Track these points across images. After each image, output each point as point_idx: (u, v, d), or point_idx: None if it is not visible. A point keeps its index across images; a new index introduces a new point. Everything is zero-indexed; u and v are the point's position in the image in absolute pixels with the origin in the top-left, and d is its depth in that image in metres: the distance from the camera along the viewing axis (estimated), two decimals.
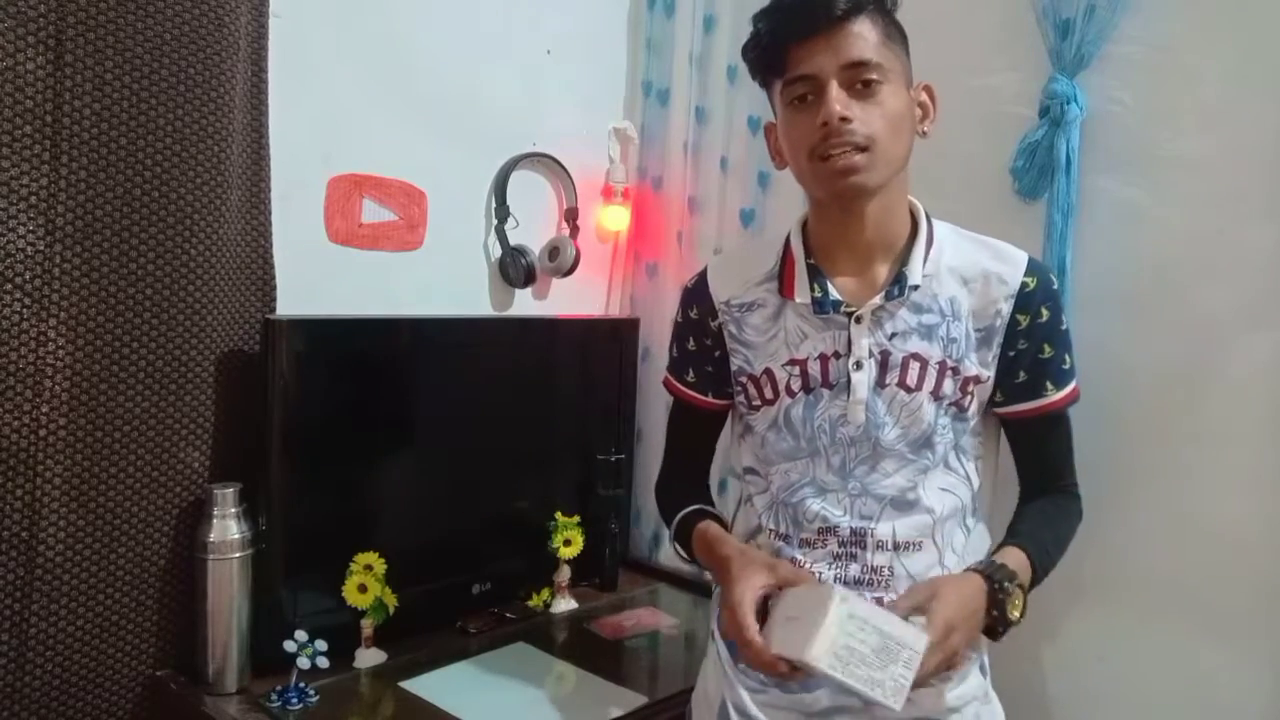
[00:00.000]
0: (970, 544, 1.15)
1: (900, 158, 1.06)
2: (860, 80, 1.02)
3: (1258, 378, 1.26)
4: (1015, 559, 1.07)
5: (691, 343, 1.22)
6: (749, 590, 1.02)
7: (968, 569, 1.06)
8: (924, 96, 1.10)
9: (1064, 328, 1.13)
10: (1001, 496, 1.22)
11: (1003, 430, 1.19)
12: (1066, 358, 1.14)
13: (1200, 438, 1.31)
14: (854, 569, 1.10)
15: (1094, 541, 1.34)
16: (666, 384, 1.29)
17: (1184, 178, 1.31)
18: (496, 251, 1.88)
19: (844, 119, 1.01)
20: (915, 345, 1.09)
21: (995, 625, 1.03)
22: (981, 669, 1.17)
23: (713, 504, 1.27)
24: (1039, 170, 1.41)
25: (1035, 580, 1.09)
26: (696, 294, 1.21)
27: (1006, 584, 1.02)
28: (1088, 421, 1.38)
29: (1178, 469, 1.33)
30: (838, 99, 1.01)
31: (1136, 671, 1.36)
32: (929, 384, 1.09)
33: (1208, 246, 1.30)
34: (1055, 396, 1.13)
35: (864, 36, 1.02)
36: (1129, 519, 1.37)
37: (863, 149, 1.02)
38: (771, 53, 1.06)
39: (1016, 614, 1.03)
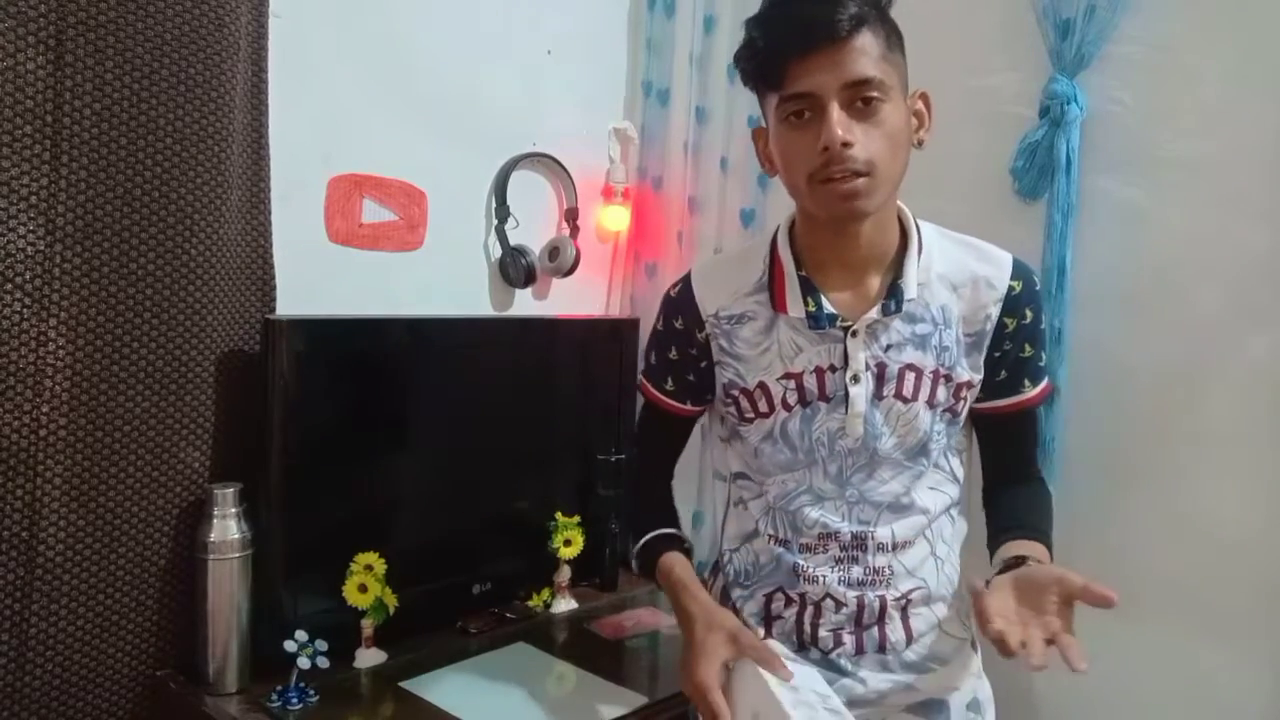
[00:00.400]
0: (955, 532, 1.18)
1: (899, 176, 1.05)
2: (861, 98, 0.99)
3: (1257, 378, 1.27)
4: (1044, 557, 1.08)
5: (674, 352, 1.19)
6: (712, 668, 1.03)
7: (1032, 565, 1.02)
8: (920, 105, 1.07)
9: (1043, 327, 1.15)
10: (974, 487, 1.23)
11: (973, 424, 1.19)
12: (1043, 355, 1.16)
13: (1200, 438, 1.31)
14: (856, 571, 1.11)
15: (1093, 541, 1.35)
16: (642, 389, 1.26)
17: (1184, 178, 1.31)
18: (496, 251, 1.88)
19: (846, 144, 0.98)
20: (910, 356, 1.09)
21: None
22: (973, 645, 1.20)
23: (675, 512, 1.28)
24: (1039, 170, 1.41)
25: None
26: (682, 304, 1.17)
27: None
28: (1088, 421, 1.39)
29: (1178, 469, 1.33)
30: (839, 122, 0.98)
31: (1135, 672, 1.36)
32: (924, 393, 1.10)
33: (1208, 247, 1.30)
34: (1032, 393, 1.16)
35: (866, 52, 0.98)
36: (1129, 519, 1.37)
37: (863, 173, 1.00)
38: (768, 67, 1.02)
39: None
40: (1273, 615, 1.26)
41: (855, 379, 1.09)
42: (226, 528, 1.38)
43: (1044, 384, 1.17)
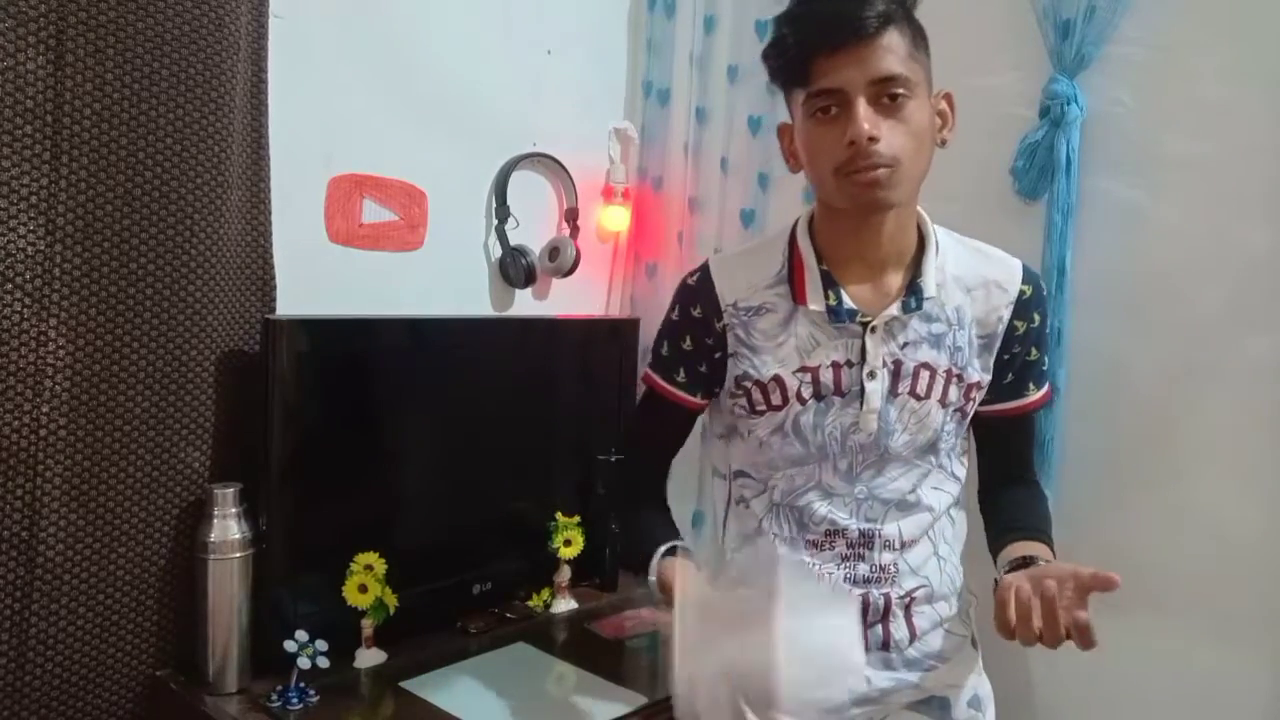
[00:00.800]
0: (956, 532, 1.19)
1: (922, 173, 1.06)
2: (887, 94, 1.00)
3: (1257, 378, 1.27)
4: (1049, 557, 1.08)
5: (688, 341, 1.18)
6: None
7: (1043, 564, 1.03)
8: (943, 105, 1.09)
9: (1048, 331, 1.18)
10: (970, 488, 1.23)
11: (973, 426, 1.20)
12: (1046, 359, 1.19)
13: (1200, 438, 1.31)
14: (862, 568, 1.12)
15: (1093, 541, 1.35)
16: (648, 380, 1.24)
17: (1184, 178, 1.32)
18: (497, 251, 1.88)
19: (872, 138, 0.99)
20: (925, 354, 1.10)
21: None
22: (973, 643, 1.20)
23: (669, 511, 1.26)
24: (1039, 170, 1.41)
25: None
26: (701, 292, 1.17)
27: None
28: (1088, 421, 1.39)
29: (1177, 469, 1.33)
30: (866, 117, 0.99)
31: (1135, 671, 1.36)
32: (937, 392, 1.11)
33: (1207, 247, 1.30)
34: (1035, 396, 1.18)
35: (893, 50, 1.00)
36: (1128, 519, 1.37)
37: (888, 166, 1.01)
38: (796, 63, 1.03)
39: None
40: (1272, 615, 1.26)
41: (872, 375, 1.09)
42: (226, 528, 1.37)
43: (1046, 388, 1.19)
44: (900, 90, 1.00)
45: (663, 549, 1.16)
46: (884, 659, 1.14)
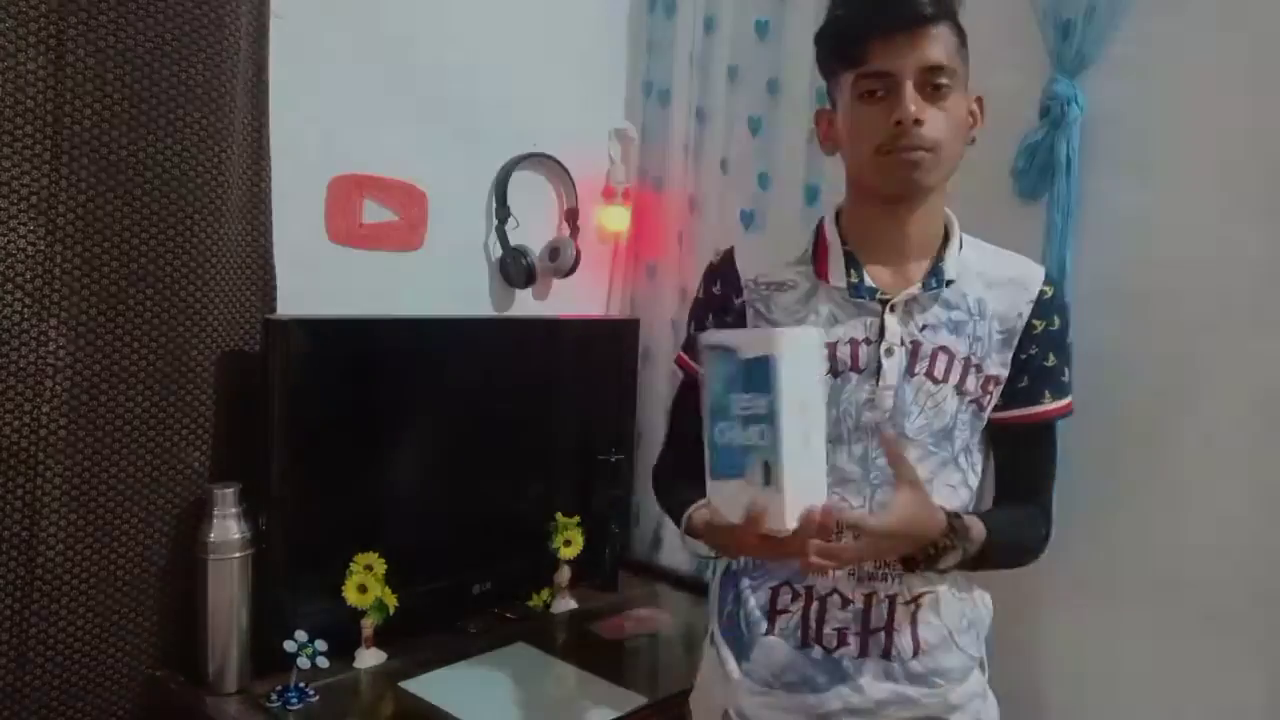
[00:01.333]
0: None
1: (955, 162, 1.08)
2: (933, 83, 1.04)
3: (1257, 378, 1.27)
4: (977, 531, 1.07)
5: (710, 320, 1.20)
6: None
7: (942, 507, 1.05)
8: (974, 106, 1.12)
9: (1069, 341, 1.16)
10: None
11: (990, 440, 1.18)
12: (1066, 370, 1.17)
13: (1199, 438, 1.31)
14: (868, 564, 1.10)
15: (1092, 541, 1.35)
16: (679, 361, 1.26)
17: (1184, 178, 1.31)
18: (497, 252, 1.88)
19: (918, 121, 1.02)
20: (944, 338, 1.11)
21: (919, 563, 1.07)
22: (981, 666, 1.18)
23: None
24: (1039, 171, 1.41)
25: (970, 562, 1.08)
26: (723, 270, 1.20)
27: (959, 542, 1.05)
28: (1088, 421, 1.38)
29: (1176, 469, 1.33)
30: (913, 100, 1.03)
31: (1134, 671, 1.36)
32: (954, 378, 1.11)
33: (1208, 247, 1.30)
34: (1051, 406, 1.16)
35: (943, 41, 1.04)
36: (1127, 519, 1.37)
37: (928, 149, 1.04)
38: (851, 44, 1.06)
39: (942, 568, 1.07)
40: (1271, 615, 1.26)
41: (889, 352, 1.10)
42: (226, 528, 1.38)
43: (1065, 401, 1.17)
44: (945, 81, 1.04)
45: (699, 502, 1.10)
46: (884, 668, 1.11)
